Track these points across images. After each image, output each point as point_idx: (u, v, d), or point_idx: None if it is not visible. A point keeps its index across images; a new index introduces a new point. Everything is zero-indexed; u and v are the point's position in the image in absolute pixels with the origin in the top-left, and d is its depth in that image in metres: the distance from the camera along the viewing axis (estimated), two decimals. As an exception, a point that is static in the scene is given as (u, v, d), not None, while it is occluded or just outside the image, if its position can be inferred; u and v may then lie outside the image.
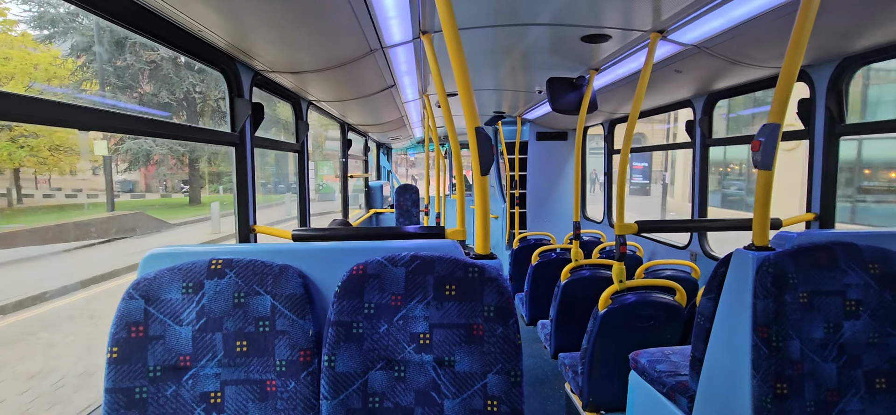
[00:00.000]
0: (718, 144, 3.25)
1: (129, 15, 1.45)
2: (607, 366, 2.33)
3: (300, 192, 3.22)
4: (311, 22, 1.72)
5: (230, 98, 2.13)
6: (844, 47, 2.02)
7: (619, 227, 2.36)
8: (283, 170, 23.33)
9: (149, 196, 22.41)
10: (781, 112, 1.38)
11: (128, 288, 1.18)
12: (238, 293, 1.19)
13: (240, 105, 2.14)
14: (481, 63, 2.79)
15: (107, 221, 13.20)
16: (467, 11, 1.87)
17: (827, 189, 2.30)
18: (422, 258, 1.21)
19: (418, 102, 4.10)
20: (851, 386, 1.34)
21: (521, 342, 1.20)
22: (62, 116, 1.24)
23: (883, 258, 1.37)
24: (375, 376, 1.18)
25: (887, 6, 1.58)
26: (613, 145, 4.83)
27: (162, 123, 1.68)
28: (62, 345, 6.07)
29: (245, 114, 2.15)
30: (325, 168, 20.69)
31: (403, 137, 7.39)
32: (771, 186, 1.45)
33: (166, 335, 1.17)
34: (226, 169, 20.74)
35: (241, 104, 2.14)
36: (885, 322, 1.36)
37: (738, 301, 1.45)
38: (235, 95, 2.14)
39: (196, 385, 1.17)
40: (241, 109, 2.14)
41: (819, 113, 2.28)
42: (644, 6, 1.80)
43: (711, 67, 2.45)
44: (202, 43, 1.84)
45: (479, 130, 1.38)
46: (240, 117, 2.14)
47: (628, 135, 2.41)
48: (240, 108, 2.14)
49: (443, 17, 1.31)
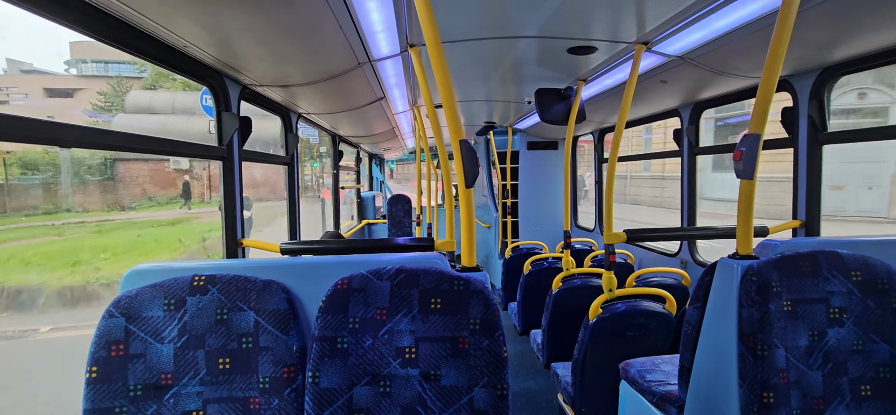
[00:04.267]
0: (705, 153, 3.29)
1: (116, 33, 1.45)
2: (598, 376, 2.32)
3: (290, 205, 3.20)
4: (298, 37, 1.73)
5: (217, 112, 2.13)
6: (825, 58, 2.06)
7: (608, 236, 2.37)
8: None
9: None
10: (761, 122, 1.40)
11: (108, 306, 1.16)
12: (221, 310, 1.18)
13: (227, 119, 2.14)
14: (471, 75, 2.81)
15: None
16: (455, 24, 1.89)
17: (811, 196, 2.33)
18: (407, 272, 1.21)
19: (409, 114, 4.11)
20: (837, 394, 1.35)
21: (508, 355, 1.19)
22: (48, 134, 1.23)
23: (865, 266, 1.39)
24: (360, 392, 1.17)
25: (864, 19, 1.62)
26: (603, 155, 4.87)
27: (148, 139, 1.67)
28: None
29: (232, 127, 2.14)
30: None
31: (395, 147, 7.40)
32: (753, 194, 1.46)
33: (147, 353, 1.15)
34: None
35: (228, 118, 2.14)
36: (868, 329, 1.37)
37: (723, 310, 1.46)
38: (223, 109, 2.13)
39: (178, 404, 1.15)
40: (228, 122, 2.14)
41: (802, 122, 2.32)
42: (628, 18, 1.83)
43: (696, 78, 2.48)
44: (189, 58, 1.83)
45: (464, 142, 1.38)
46: (227, 131, 2.13)
47: (615, 144, 2.43)
48: (227, 121, 2.14)
49: (426, 32, 1.32)
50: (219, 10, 1.42)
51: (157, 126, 19.40)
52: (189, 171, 20.34)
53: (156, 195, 19.87)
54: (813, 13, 1.53)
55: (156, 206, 19.10)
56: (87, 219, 16.17)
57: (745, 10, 1.61)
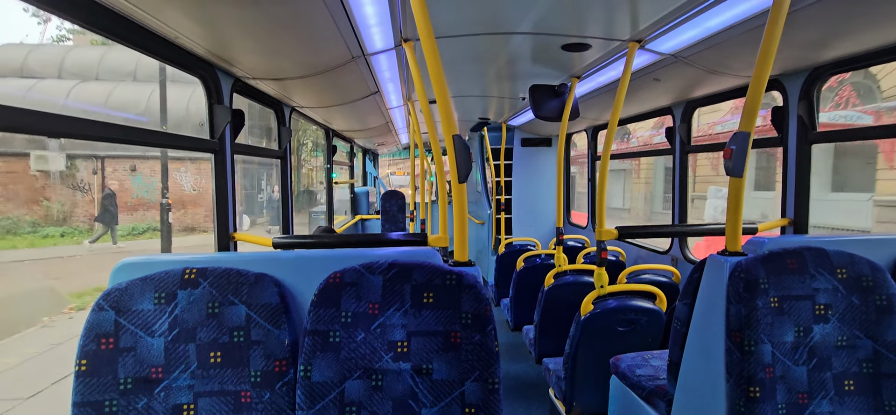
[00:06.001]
0: (697, 151, 3.32)
1: (105, 22, 1.43)
2: (590, 371, 2.35)
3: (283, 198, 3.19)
4: (291, 29, 1.72)
5: (209, 104, 2.11)
6: (815, 57, 2.09)
7: (600, 233, 2.38)
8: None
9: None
10: (752, 120, 1.42)
11: (97, 299, 1.15)
12: (212, 303, 1.17)
13: (219, 112, 2.12)
14: (465, 70, 2.81)
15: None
16: (449, 19, 1.89)
17: (800, 195, 2.36)
18: (399, 266, 1.21)
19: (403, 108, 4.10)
20: (821, 388, 1.37)
21: (500, 349, 1.20)
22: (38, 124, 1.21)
23: (850, 263, 1.41)
24: (352, 386, 1.17)
25: (853, 19, 1.64)
26: (596, 152, 4.89)
27: (138, 131, 1.65)
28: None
29: (224, 120, 2.13)
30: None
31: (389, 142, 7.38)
32: (742, 192, 1.48)
33: (137, 347, 1.14)
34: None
35: (220, 111, 2.12)
36: (853, 325, 1.39)
37: (711, 306, 1.47)
38: (215, 102, 2.11)
39: (168, 397, 1.15)
40: (220, 115, 2.12)
41: (792, 121, 2.34)
42: (622, 16, 1.84)
43: (689, 76, 2.50)
44: (180, 49, 1.81)
45: (457, 137, 1.39)
46: (219, 124, 2.12)
47: (608, 142, 2.45)
48: (219, 114, 2.12)
49: (420, 27, 1.31)
50: (210, 2, 1.40)
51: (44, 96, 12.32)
52: (70, 173, 12.93)
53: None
54: (803, 13, 1.55)
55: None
56: None
57: (737, 9, 1.63)
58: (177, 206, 13.52)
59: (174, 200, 12.40)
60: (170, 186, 10.45)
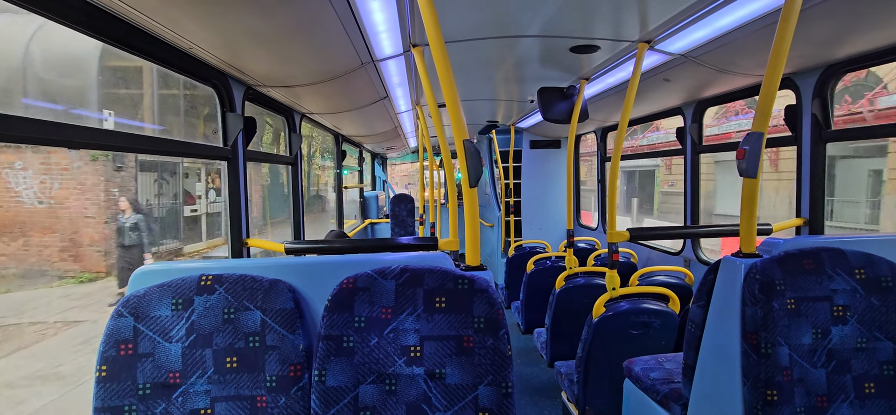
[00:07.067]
0: (708, 151, 3.29)
1: (121, 35, 1.47)
2: (602, 374, 2.33)
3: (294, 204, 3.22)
4: (301, 37, 1.74)
5: (222, 112, 2.14)
6: (828, 55, 2.06)
7: (611, 234, 2.37)
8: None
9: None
10: (765, 120, 1.40)
11: (117, 306, 1.18)
12: (228, 309, 1.19)
13: (232, 119, 2.15)
14: (473, 74, 2.82)
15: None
16: (458, 24, 1.90)
17: (815, 194, 2.33)
18: (412, 271, 1.22)
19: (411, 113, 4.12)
20: (841, 392, 1.35)
21: (513, 353, 1.20)
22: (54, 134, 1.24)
23: (868, 263, 1.39)
24: (366, 390, 1.18)
25: (867, 16, 1.62)
26: (606, 153, 4.86)
27: (154, 139, 1.69)
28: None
29: (237, 128, 2.16)
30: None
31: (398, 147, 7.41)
32: (757, 193, 1.46)
33: (156, 352, 1.16)
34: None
35: (233, 119, 2.15)
36: (872, 327, 1.37)
37: (727, 308, 1.46)
38: (227, 110, 2.15)
39: (186, 402, 1.16)
40: (233, 123, 2.15)
41: (805, 119, 2.31)
42: (631, 17, 1.83)
43: (699, 76, 2.48)
44: (194, 60, 1.85)
45: (468, 142, 1.39)
46: (232, 132, 2.15)
47: (618, 143, 2.44)
48: (232, 122, 2.15)
49: (429, 32, 1.32)
50: (224, 13, 1.43)
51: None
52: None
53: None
54: (816, 11, 1.53)
55: None
56: None
57: (748, 8, 1.61)
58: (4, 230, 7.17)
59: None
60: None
